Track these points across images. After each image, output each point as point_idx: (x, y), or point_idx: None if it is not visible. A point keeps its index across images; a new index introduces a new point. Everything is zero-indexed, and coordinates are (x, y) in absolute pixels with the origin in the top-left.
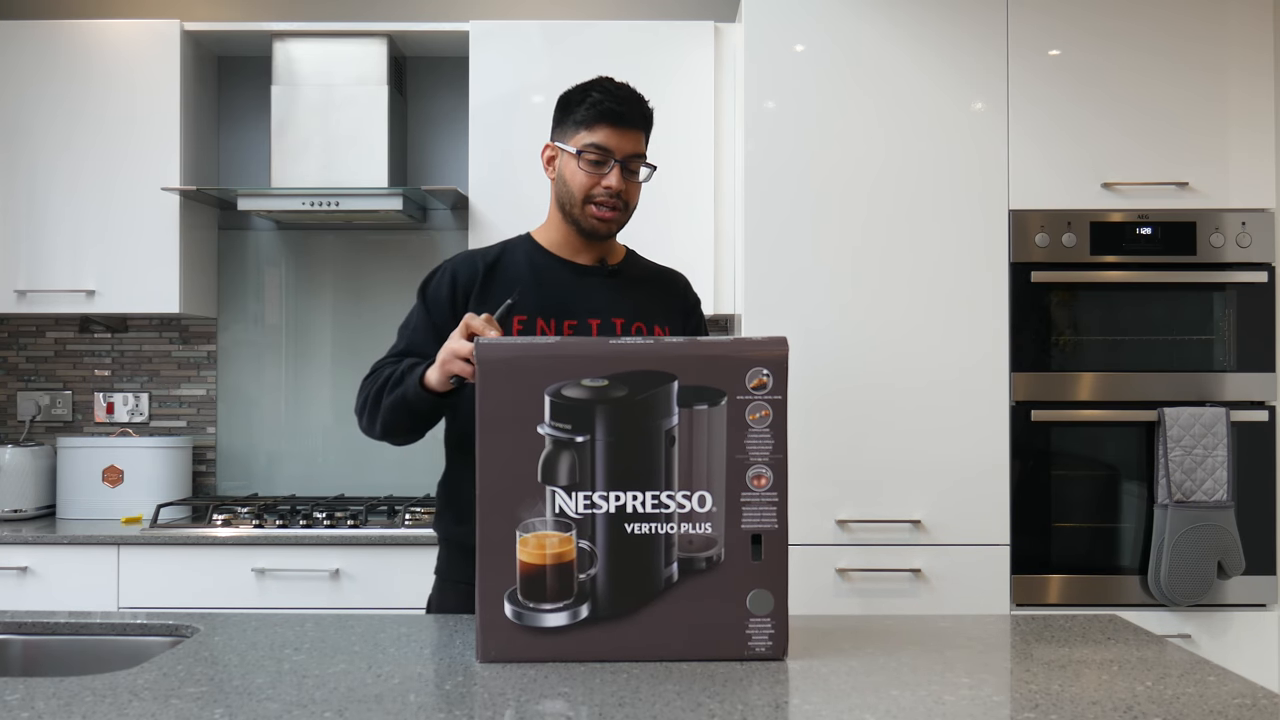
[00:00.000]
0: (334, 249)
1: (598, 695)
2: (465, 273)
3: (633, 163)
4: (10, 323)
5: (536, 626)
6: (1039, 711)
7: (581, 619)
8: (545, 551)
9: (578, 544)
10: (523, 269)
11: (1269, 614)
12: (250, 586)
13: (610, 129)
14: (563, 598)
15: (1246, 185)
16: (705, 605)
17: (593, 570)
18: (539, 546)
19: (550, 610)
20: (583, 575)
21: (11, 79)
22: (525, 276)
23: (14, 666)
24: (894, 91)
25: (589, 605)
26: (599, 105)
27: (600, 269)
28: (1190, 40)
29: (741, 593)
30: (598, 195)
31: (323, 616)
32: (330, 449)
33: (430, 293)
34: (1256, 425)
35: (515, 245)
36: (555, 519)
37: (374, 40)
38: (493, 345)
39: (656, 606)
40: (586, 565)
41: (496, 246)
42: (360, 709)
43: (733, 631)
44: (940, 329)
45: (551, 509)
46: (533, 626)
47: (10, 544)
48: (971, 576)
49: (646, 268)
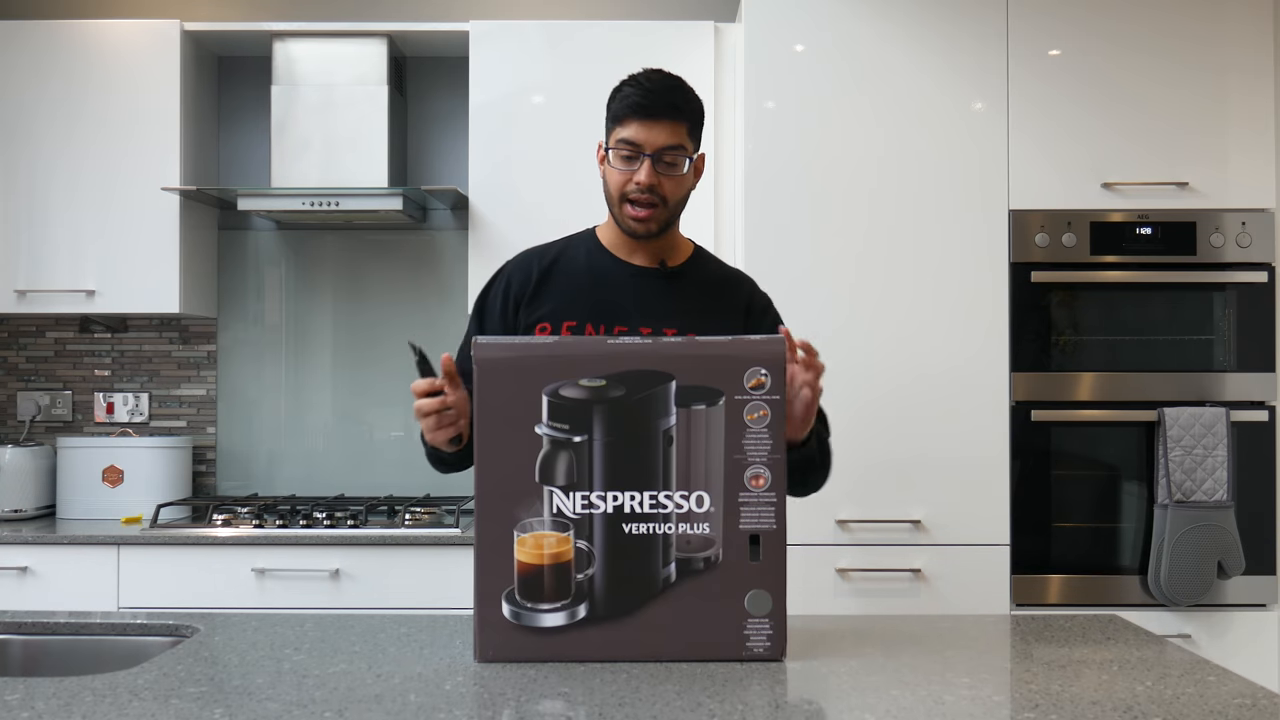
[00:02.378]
0: (334, 249)
1: (597, 695)
2: (519, 279)
3: (668, 155)
4: (10, 323)
5: (534, 626)
6: (1039, 711)
7: (579, 619)
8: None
9: (575, 544)
10: (581, 269)
11: (1269, 614)
12: (250, 586)
13: (638, 123)
14: (560, 598)
15: (1246, 185)
16: (703, 606)
17: (590, 570)
18: (537, 546)
19: (548, 610)
20: (580, 575)
21: (11, 79)
22: (582, 277)
23: (14, 666)
24: (894, 91)
25: (587, 605)
26: (627, 99)
27: (658, 271)
28: (1190, 40)
29: (740, 593)
30: (630, 192)
31: (323, 616)
32: (330, 449)
33: (488, 303)
34: (1256, 425)
35: (578, 242)
36: (553, 519)
37: (374, 40)
38: (491, 345)
39: (654, 607)
40: (584, 565)
41: (559, 243)
42: (360, 709)
43: (731, 632)
44: (940, 329)
45: (549, 509)
46: (530, 626)
47: (10, 544)
48: (971, 576)
49: (712, 270)
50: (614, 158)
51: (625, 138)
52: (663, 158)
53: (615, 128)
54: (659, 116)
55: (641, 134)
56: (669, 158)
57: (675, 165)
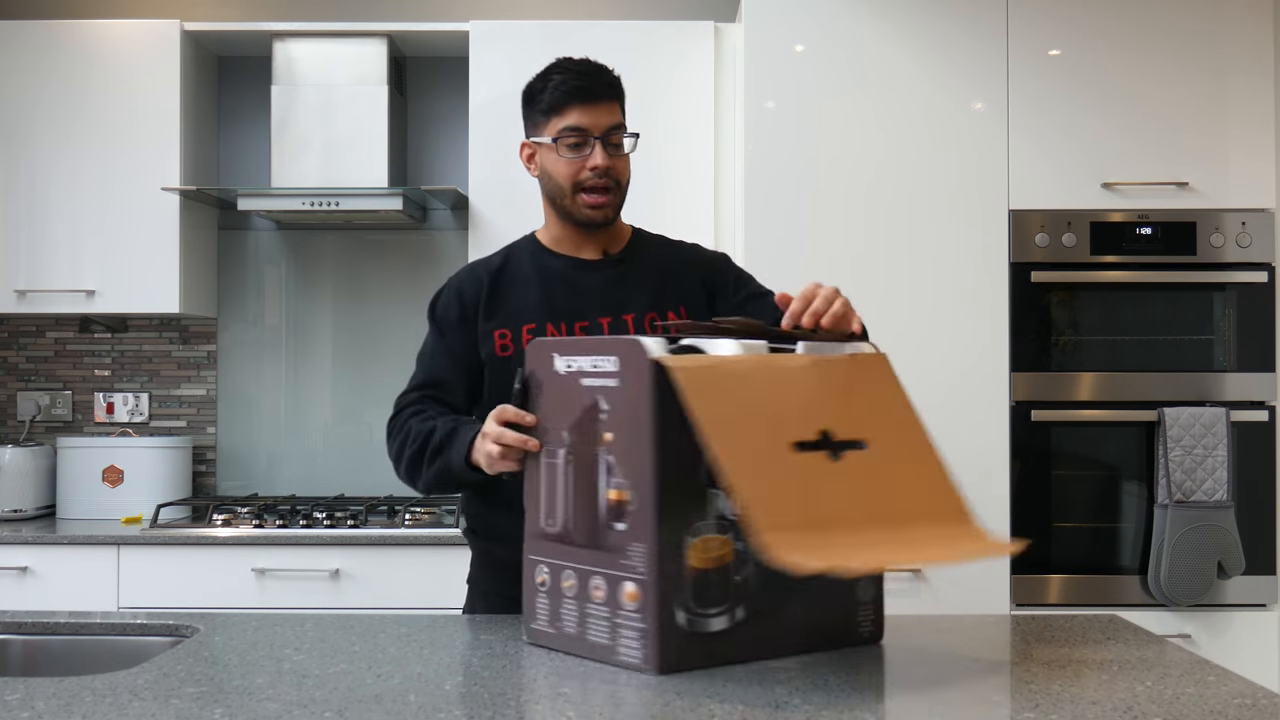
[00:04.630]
0: (334, 249)
1: (598, 695)
2: (470, 288)
3: (613, 136)
4: (10, 323)
5: (704, 632)
6: (1039, 711)
7: (738, 620)
8: (710, 554)
9: (734, 545)
10: (529, 272)
11: (1269, 614)
12: (250, 586)
13: (581, 107)
14: (724, 600)
15: (1246, 185)
16: (827, 597)
17: (746, 571)
18: (705, 549)
19: (715, 614)
20: (738, 577)
21: (11, 79)
22: (532, 280)
23: (14, 666)
24: (894, 91)
25: (744, 607)
26: (563, 86)
27: (605, 261)
28: (1190, 40)
29: (850, 581)
30: (586, 179)
31: (323, 616)
32: (330, 449)
33: (440, 315)
34: (1256, 425)
35: (520, 248)
36: (716, 521)
37: (374, 40)
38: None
39: (790, 603)
40: (740, 567)
41: (500, 253)
42: (360, 709)
43: (846, 618)
44: (940, 329)
45: (713, 512)
46: (701, 632)
47: (10, 544)
48: (971, 576)
49: (659, 250)
50: (561, 148)
51: (570, 125)
52: (610, 139)
53: (553, 118)
54: (600, 98)
55: (587, 118)
56: (615, 139)
57: (620, 146)
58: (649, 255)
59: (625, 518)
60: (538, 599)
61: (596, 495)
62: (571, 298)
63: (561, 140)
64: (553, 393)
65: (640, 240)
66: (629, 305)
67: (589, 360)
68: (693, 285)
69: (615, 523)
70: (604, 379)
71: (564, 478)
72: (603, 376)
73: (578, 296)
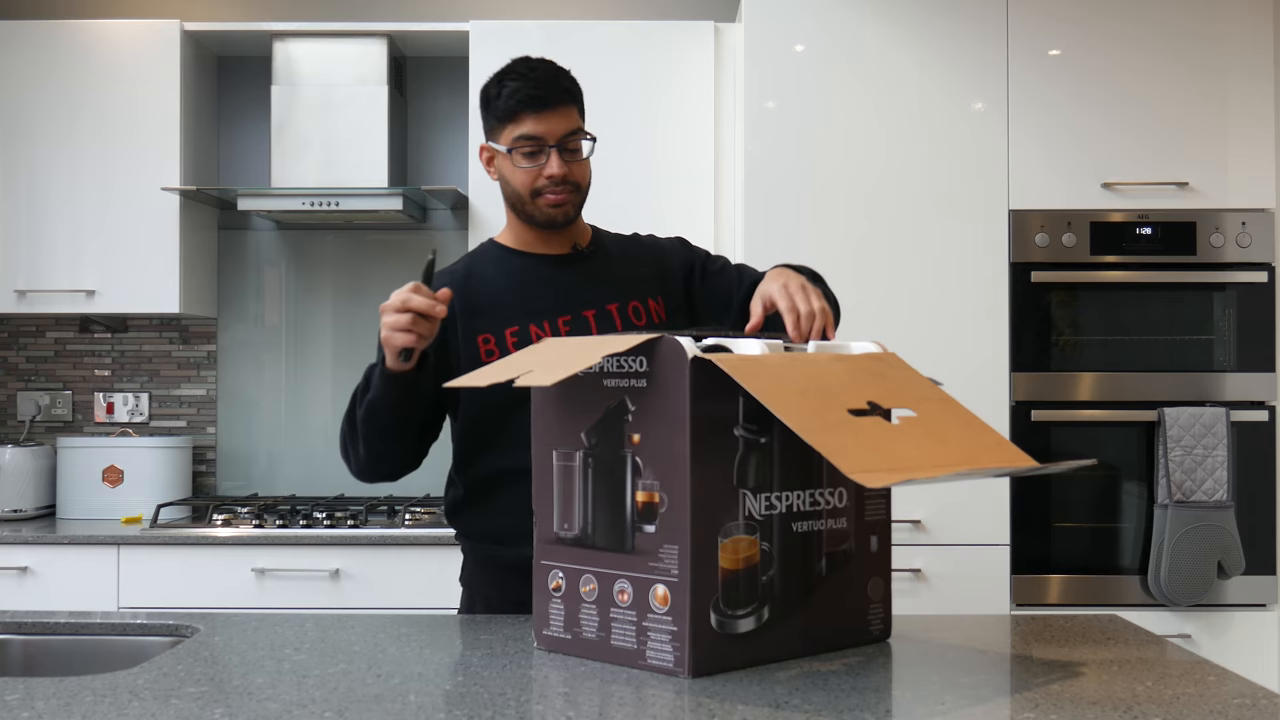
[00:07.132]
0: (334, 249)
1: (597, 695)
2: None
3: (570, 141)
4: (10, 323)
5: (733, 633)
6: (1039, 711)
7: (764, 622)
8: (740, 555)
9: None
10: (496, 275)
11: (1269, 614)
12: (250, 586)
13: (535, 115)
14: (752, 601)
15: (1246, 185)
16: (844, 597)
17: (772, 571)
18: (735, 551)
19: (743, 615)
20: (764, 577)
21: (11, 79)
22: (500, 282)
23: (14, 666)
24: (894, 91)
25: (769, 607)
26: (517, 94)
27: (575, 254)
28: (1190, 40)
29: (863, 581)
30: (544, 187)
31: (323, 616)
32: (330, 449)
33: None
34: (1256, 425)
35: (481, 254)
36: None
37: (374, 40)
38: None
39: (811, 603)
40: (767, 567)
41: (460, 261)
42: (360, 709)
43: (859, 618)
44: (940, 329)
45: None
46: (731, 634)
47: (10, 544)
48: (971, 576)
49: (617, 242)
50: (517, 156)
51: (525, 134)
52: (566, 145)
53: (508, 126)
54: (554, 105)
55: (540, 127)
56: (571, 144)
57: (578, 151)
58: (614, 248)
59: (655, 519)
60: (551, 605)
61: (623, 498)
62: (547, 294)
63: (516, 149)
64: (567, 394)
65: (601, 236)
66: (608, 297)
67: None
68: (663, 270)
69: (644, 525)
70: (631, 379)
71: (582, 481)
72: (629, 377)
73: (553, 292)
